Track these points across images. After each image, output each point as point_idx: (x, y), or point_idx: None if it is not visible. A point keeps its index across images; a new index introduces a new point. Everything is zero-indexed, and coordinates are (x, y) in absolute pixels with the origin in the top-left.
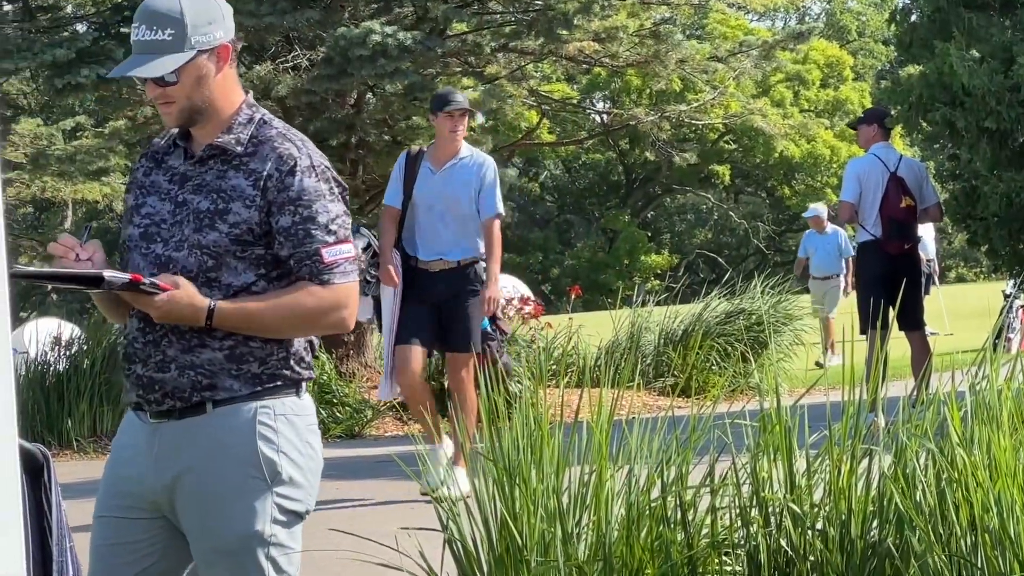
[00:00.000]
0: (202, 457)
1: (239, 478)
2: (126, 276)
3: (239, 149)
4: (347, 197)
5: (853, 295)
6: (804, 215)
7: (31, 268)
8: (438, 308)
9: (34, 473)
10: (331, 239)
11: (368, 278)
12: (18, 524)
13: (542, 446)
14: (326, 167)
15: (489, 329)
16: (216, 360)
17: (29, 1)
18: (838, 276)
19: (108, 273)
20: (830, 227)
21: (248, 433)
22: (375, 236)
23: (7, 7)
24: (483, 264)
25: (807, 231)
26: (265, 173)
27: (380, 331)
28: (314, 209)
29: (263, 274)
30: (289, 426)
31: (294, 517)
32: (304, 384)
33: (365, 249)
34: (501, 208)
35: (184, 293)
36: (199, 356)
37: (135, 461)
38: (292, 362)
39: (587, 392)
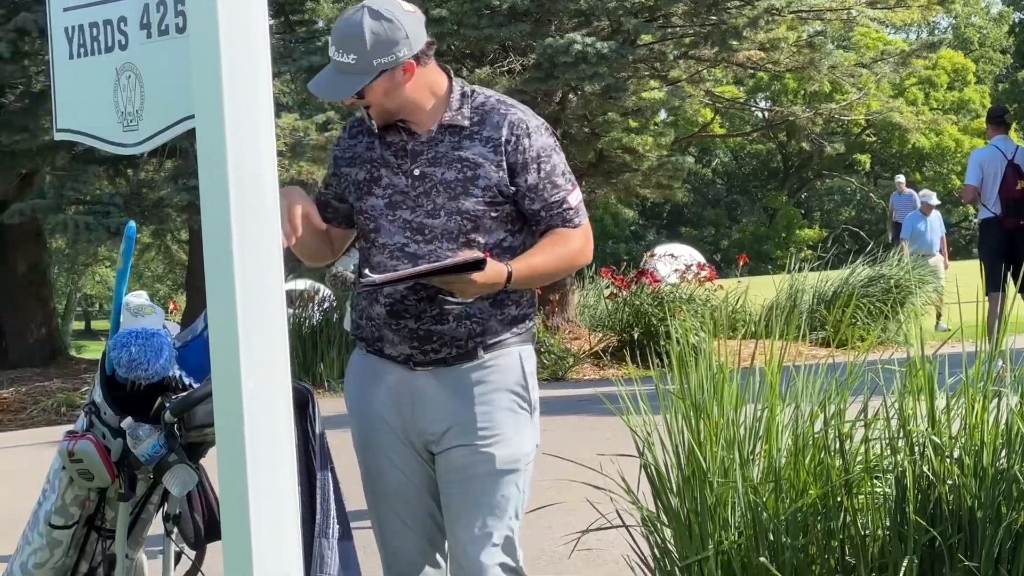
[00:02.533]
0: (478, 395)
1: (511, 409)
2: (480, 256)
3: (467, 123)
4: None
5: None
6: (920, 197)
7: (389, 275)
8: None
9: (300, 407)
10: (570, 186)
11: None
12: (291, 447)
13: (723, 386)
14: (545, 123)
15: None
16: (485, 308)
17: (290, 17)
18: (937, 254)
19: (477, 255)
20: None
21: (516, 372)
22: None
23: (271, 21)
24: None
25: (912, 214)
26: (503, 139)
27: None
28: (552, 163)
29: (510, 229)
30: (534, 370)
31: (537, 448)
32: (535, 334)
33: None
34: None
35: (491, 265)
36: (472, 306)
37: (391, 400)
38: (528, 307)
39: (758, 342)
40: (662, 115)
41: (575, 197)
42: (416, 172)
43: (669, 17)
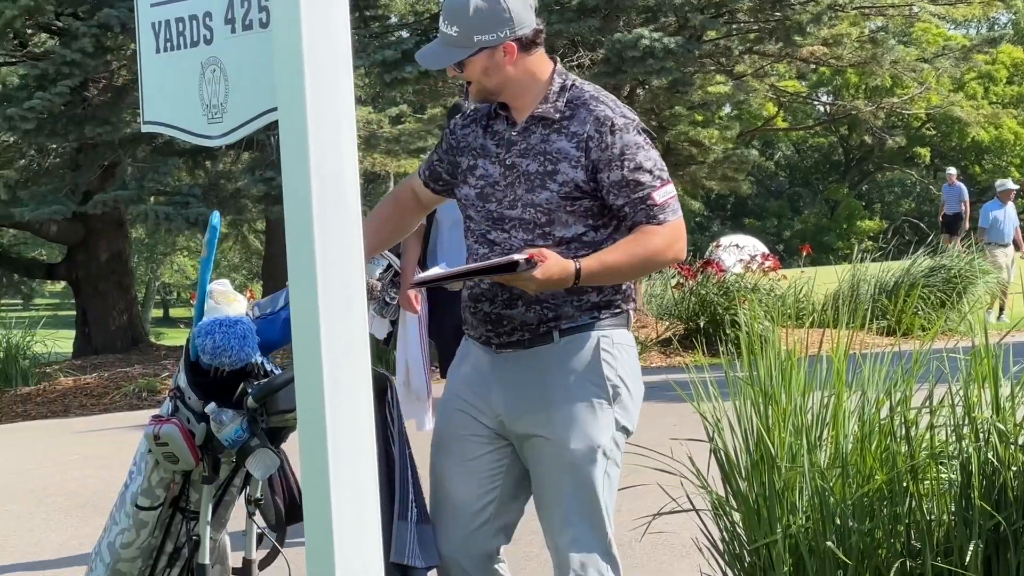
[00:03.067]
0: (551, 380)
1: (586, 397)
2: (514, 259)
3: (557, 116)
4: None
5: None
6: (996, 187)
7: (431, 273)
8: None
9: (380, 393)
10: (658, 183)
11: (388, 300)
12: (371, 433)
13: (791, 374)
14: (636, 120)
15: None
16: (559, 294)
17: (364, 12)
18: (1011, 244)
19: (513, 258)
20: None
21: (593, 358)
22: (397, 258)
23: None
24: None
25: (989, 202)
26: (586, 135)
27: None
28: (638, 160)
29: (591, 224)
30: (624, 355)
31: (624, 433)
32: (631, 317)
33: (385, 270)
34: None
35: (554, 261)
36: (543, 292)
37: (480, 386)
38: (622, 289)
39: (824, 331)
40: (727, 109)
41: (662, 194)
42: (508, 161)
43: (735, 13)
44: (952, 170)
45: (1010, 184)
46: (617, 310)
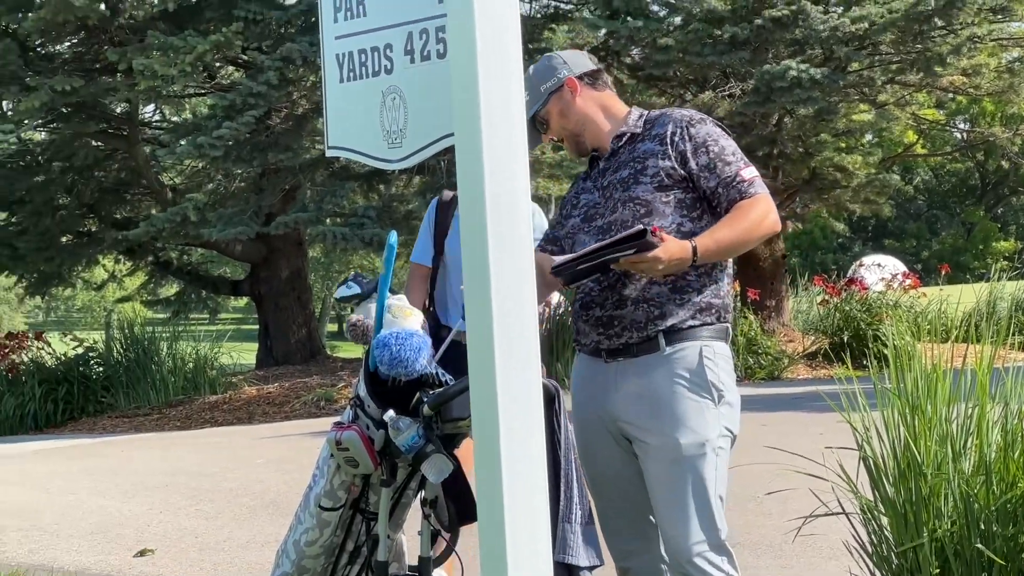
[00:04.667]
0: (660, 386)
1: (694, 399)
2: (641, 227)
3: (638, 131)
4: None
5: None
6: None
7: (567, 257)
8: None
9: (548, 402)
10: (742, 163)
11: None
12: (541, 440)
13: (936, 385)
14: (710, 118)
15: None
16: (663, 293)
17: (529, 46)
18: None
19: (640, 226)
20: None
21: (699, 366)
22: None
23: None
24: None
25: None
26: (668, 132)
27: None
28: (720, 145)
29: (686, 215)
30: (725, 364)
31: (729, 433)
32: (729, 333)
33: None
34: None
35: (672, 240)
36: (649, 291)
37: (598, 394)
38: (716, 298)
39: (967, 345)
40: (869, 136)
41: (749, 172)
42: (603, 183)
43: (877, 45)
44: None
45: None
46: (717, 317)
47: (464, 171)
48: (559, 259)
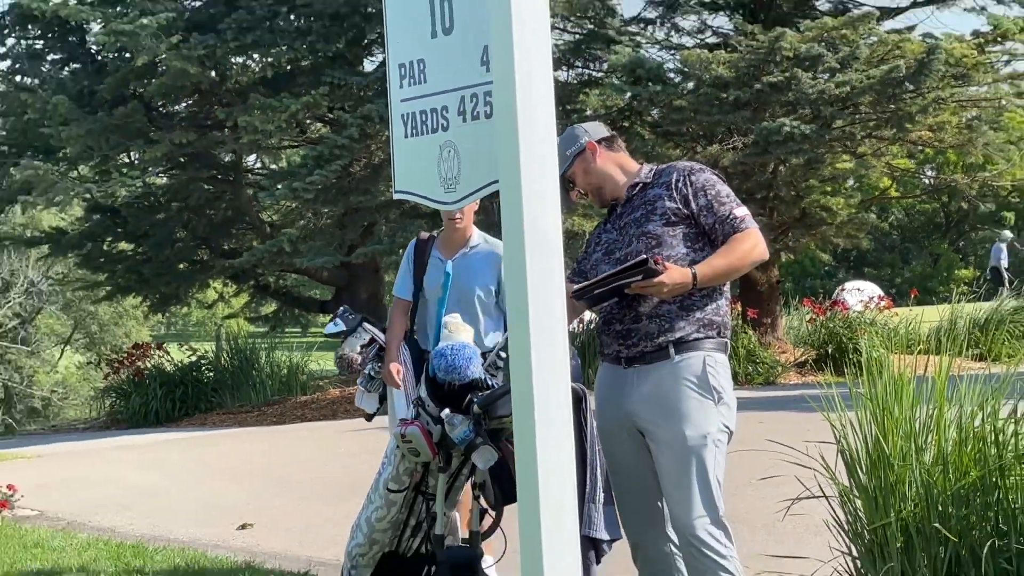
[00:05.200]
0: (670, 388)
1: (698, 399)
2: (643, 256)
3: (648, 179)
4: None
5: None
6: None
7: (586, 283)
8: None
9: (576, 402)
10: (735, 204)
11: (372, 374)
12: (569, 434)
13: (903, 390)
14: (706, 168)
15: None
16: (672, 310)
17: (565, 106)
18: None
19: (642, 256)
20: None
21: (702, 372)
22: (380, 331)
23: None
24: (496, 356)
25: None
26: (673, 179)
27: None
28: (716, 189)
29: (690, 246)
30: (724, 372)
31: (727, 429)
32: (727, 347)
33: (367, 345)
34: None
35: (674, 267)
36: (660, 309)
37: (617, 395)
38: (717, 316)
39: (928, 357)
40: (851, 182)
41: (741, 211)
42: (620, 224)
43: (858, 106)
44: (1007, 233)
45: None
46: (718, 331)
47: (507, 211)
48: (577, 286)
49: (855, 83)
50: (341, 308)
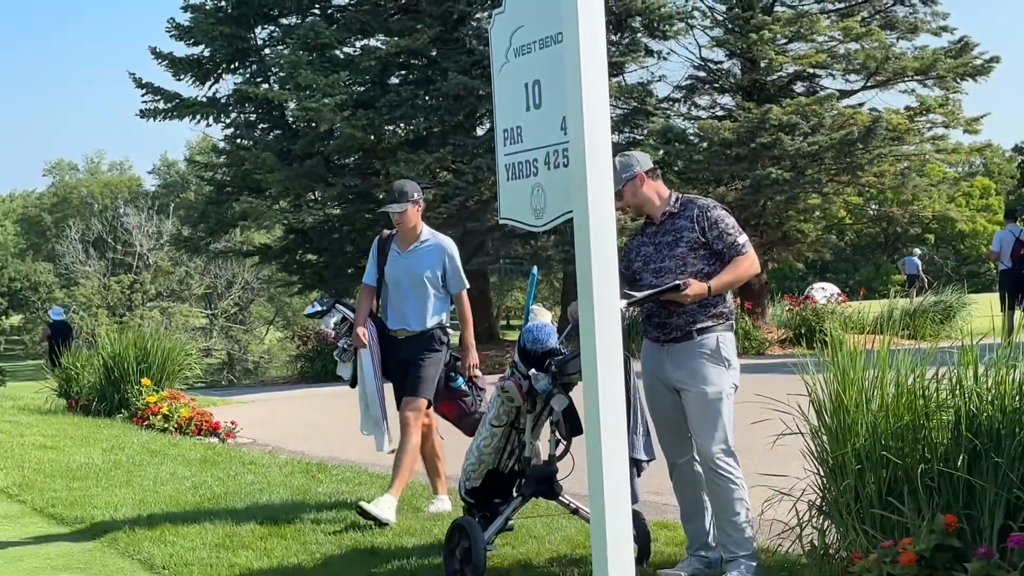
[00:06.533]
0: (695, 359)
1: (714, 366)
2: (677, 283)
3: (676, 210)
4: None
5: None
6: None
7: (638, 294)
8: (406, 367)
9: (625, 362)
10: (737, 233)
11: (344, 347)
12: (620, 384)
13: (857, 358)
14: (719, 204)
15: (464, 387)
16: (694, 309)
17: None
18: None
19: (676, 283)
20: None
21: (716, 347)
22: (350, 311)
23: None
24: (440, 330)
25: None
26: (695, 215)
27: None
28: (726, 223)
29: (707, 263)
30: (732, 347)
31: (734, 387)
32: (733, 328)
33: (340, 323)
34: (467, 282)
35: (695, 283)
36: (686, 308)
37: (658, 364)
38: (725, 308)
39: (874, 336)
40: (817, 213)
41: (743, 238)
42: (656, 241)
43: (823, 159)
44: (917, 250)
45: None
46: (728, 320)
47: (579, 232)
48: (626, 300)
49: (821, 143)
50: (322, 294)
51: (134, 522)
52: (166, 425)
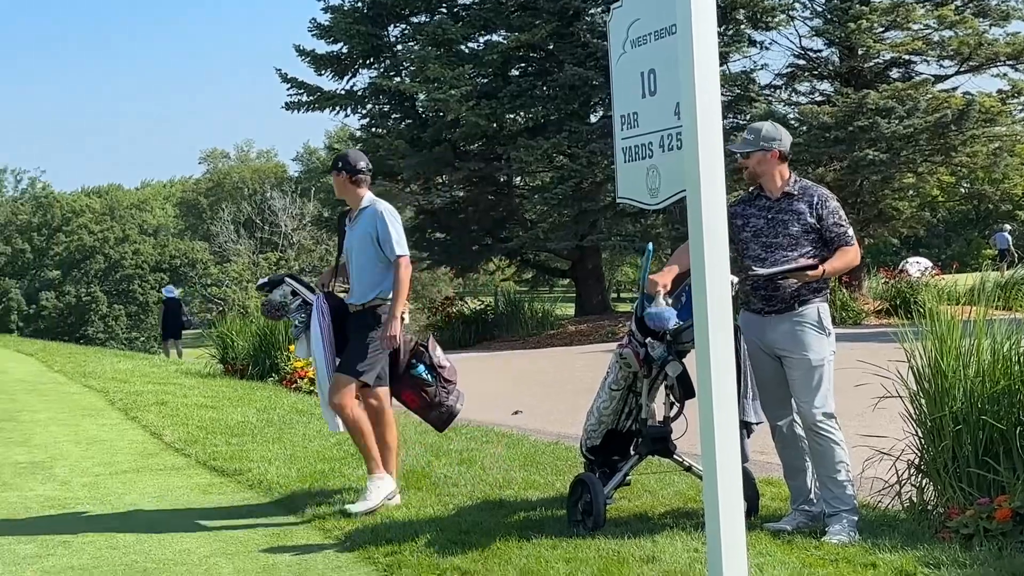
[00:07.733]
0: (798, 327)
1: (815, 334)
2: (808, 263)
3: (795, 192)
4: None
5: None
6: None
7: (770, 270)
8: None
9: (735, 331)
10: (847, 224)
11: (297, 323)
12: (731, 355)
13: (953, 327)
14: (833, 195)
15: (426, 375)
16: (795, 284)
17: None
18: None
19: (806, 263)
20: None
21: (817, 317)
22: (302, 286)
23: None
24: (387, 305)
25: None
26: (814, 201)
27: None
28: (839, 215)
29: (815, 246)
30: (828, 317)
31: (833, 353)
32: (829, 299)
33: (292, 296)
34: (401, 249)
35: (820, 268)
36: (789, 283)
37: (759, 334)
38: (824, 284)
39: (970, 307)
40: (912, 192)
41: (850, 230)
42: (768, 217)
43: (918, 141)
44: (1007, 226)
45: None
46: (825, 293)
47: (691, 210)
48: (760, 272)
49: (916, 126)
50: (275, 271)
51: (285, 475)
52: (312, 388)
